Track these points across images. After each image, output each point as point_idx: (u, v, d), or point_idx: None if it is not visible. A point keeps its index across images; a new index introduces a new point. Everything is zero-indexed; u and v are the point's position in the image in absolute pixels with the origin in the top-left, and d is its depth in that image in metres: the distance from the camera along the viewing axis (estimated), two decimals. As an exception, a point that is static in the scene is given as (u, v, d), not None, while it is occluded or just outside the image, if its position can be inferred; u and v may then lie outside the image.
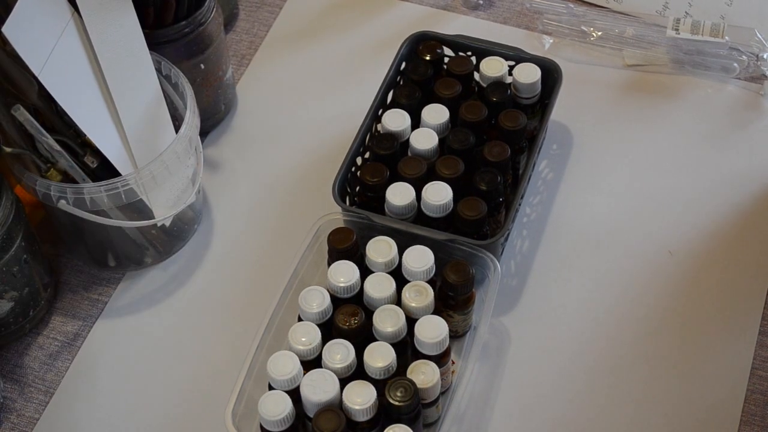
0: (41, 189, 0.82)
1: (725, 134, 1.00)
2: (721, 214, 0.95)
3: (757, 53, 1.04)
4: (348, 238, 0.84)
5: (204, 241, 0.94)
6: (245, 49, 1.09)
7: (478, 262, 0.84)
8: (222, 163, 1.00)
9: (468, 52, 0.98)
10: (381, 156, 0.90)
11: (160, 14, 0.92)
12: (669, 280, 0.90)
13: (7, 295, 0.85)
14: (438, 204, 0.85)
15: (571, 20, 1.09)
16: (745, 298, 0.89)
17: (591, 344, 0.87)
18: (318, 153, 1.00)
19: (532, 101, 0.95)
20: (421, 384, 0.77)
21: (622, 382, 0.85)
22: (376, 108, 0.93)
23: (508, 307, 0.89)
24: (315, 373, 0.76)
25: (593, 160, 0.99)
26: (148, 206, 0.86)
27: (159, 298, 0.91)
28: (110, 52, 0.84)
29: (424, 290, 0.81)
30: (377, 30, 1.10)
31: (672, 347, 0.86)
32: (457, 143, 0.90)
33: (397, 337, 0.79)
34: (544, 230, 0.94)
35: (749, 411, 0.83)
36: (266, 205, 0.97)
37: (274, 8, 1.13)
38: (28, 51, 0.78)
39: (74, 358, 0.88)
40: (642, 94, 1.04)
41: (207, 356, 0.87)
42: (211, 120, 1.01)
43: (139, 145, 0.86)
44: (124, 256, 0.92)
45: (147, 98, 0.87)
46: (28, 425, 0.84)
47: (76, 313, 0.91)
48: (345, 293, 0.82)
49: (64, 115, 0.83)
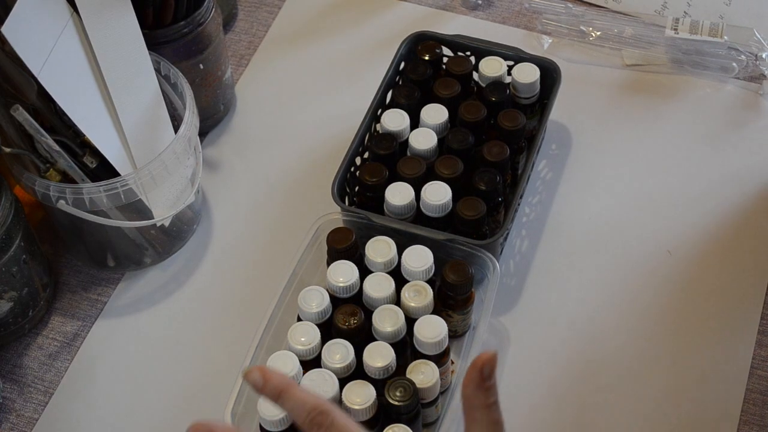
0: (40, 189, 0.82)
1: (724, 134, 1.01)
2: (720, 213, 0.95)
3: (755, 53, 1.04)
4: (347, 238, 0.84)
5: (203, 242, 0.94)
6: (244, 49, 1.09)
7: (478, 261, 0.84)
8: (221, 163, 1.00)
9: (467, 52, 0.98)
10: (380, 156, 0.90)
11: (159, 14, 0.92)
12: (668, 279, 0.91)
13: (7, 296, 0.85)
14: (437, 204, 0.85)
15: (570, 20, 1.09)
16: (744, 297, 0.89)
17: (590, 344, 0.87)
18: (317, 153, 1.00)
19: (531, 101, 0.95)
20: (420, 384, 0.77)
21: (620, 381, 0.85)
22: (375, 108, 0.93)
23: (508, 307, 0.89)
24: (314, 373, 0.76)
25: (592, 160, 0.99)
26: (148, 206, 0.86)
27: (158, 299, 0.91)
28: (109, 53, 0.84)
29: (424, 290, 0.81)
30: (376, 30, 1.10)
31: (671, 347, 0.87)
32: (456, 143, 0.90)
33: (397, 337, 0.79)
34: (543, 230, 0.94)
35: (748, 411, 0.83)
36: (265, 205, 0.97)
37: (273, 8, 1.13)
38: (27, 51, 0.78)
39: (73, 358, 0.88)
40: (641, 93, 1.04)
41: (206, 356, 0.87)
42: (210, 120, 1.01)
43: (138, 145, 0.86)
44: (124, 257, 0.92)
45: (146, 98, 0.87)
46: (27, 425, 0.84)
47: (76, 313, 0.91)
48: (344, 293, 0.82)
49: (63, 116, 0.83)
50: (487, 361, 0.57)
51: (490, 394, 0.58)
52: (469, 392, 0.57)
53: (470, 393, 0.57)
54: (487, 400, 0.58)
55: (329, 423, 0.57)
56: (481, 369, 0.57)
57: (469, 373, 0.57)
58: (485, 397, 0.58)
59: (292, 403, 0.58)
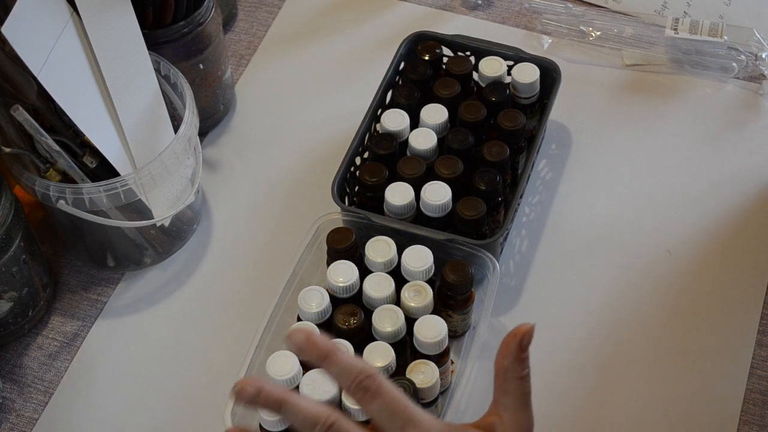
0: (40, 189, 0.82)
1: (724, 134, 1.00)
2: (719, 213, 0.95)
3: (755, 53, 1.04)
4: (347, 238, 0.84)
5: (203, 241, 0.94)
6: (244, 49, 1.09)
7: (477, 261, 0.84)
8: (221, 163, 1.00)
9: (467, 52, 0.98)
10: (380, 156, 0.90)
11: (159, 14, 0.92)
12: (668, 279, 0.91)
13: (6, 296, 0.85)
14: (437, 204, 0.85)
15: (570, 20, 1.09)
16: (744, 297, 0.89)
17: (589, 343, 0.87)
18: (317, 153, 1.00)
19: (531, 101, 0.95)
20: (420, 384, 0.77)
21: (620, 381, 0.85)
22: (375, 108, 0.93)
23: (508, 307, 0.89)
24: (314, 373, 0.76)
25: (592, 160, 0.99)
26: (147, 206, 0.86)
27: (158, 299, 0.91)
28: (109, 53, 0.84)
29: (424, 290, 0.81)
30: (376, 30, 1.10)
31: (670, 347, 0.87)
32: (456, 143, 0.90)
33: (397, 337, 0.79)
34: (543, 230, 0.94)
35: (748, 410, 0.83)
36: (265, 205, 0.97)
37: (273, 8, 1.13)
38: (27, 51, 0.78)
39: (73, 358, 0.88)
40: (641, 93, 1.04)
41: (206, 356, 0.87)
42: (210, 120, 1.01)
43: (138, 145, 0.86)
44: (124, 257, 0.92)
45: (146, 98, 0.87)
46: (27, 425, 0.84)
47: (75, 313, 0.91)
48: (344, 293, 0.82)
49: (63, 115, 0.83)
50: (526, 332, 0.59)
51: (525, 366, 0.59)
52: (507, 363, 0.59)
53: (509, 364, 0.59)
54: (522, 371, 0.59)
55: (376, 387, 0.57)
56: (521, 340, 0.58)
57: (506, 344, 0.59)
58: (521, 368, 0.59)
59: (339, 367, 0.58)
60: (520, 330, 0.59)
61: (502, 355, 0.59)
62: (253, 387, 0.57)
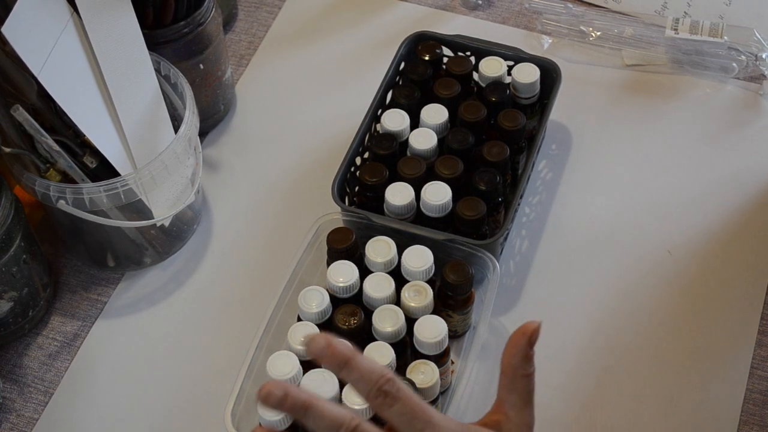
0: (40, 189, 0.82)
1: (724, 134, 1.01)
2: (720, 213, 0.95)
3: (755, 53, 1.04)
4: (347, 238, 0.84)
5: (203, 242, 0.94)
6: (244, 49, 1.09)
7: (478, 261, 0.84)
8: (221, 163, 1.00)
9: (467, 52, 0.98)
10: (380, 156, 0.90)
11: (159, 14, 0.92)
12: (668, 279, 0.91)
13: (7, 296, 0.85)
14: (437, 204, 0.85)
15: (570, 20, 1.09)
16: (744, 297, 0.89)
17: (590, 344, 0.87)
18: (317, 153, 1.00)
19: (531, 101, 0.95)
20: (420, 384, 0.77)
21: (620, 381, 0.85)
22: (375, 108, 0.93)
23: (508, 307, 0.89)
24: (314, 373, 0.76)
25: (592, 160, 0.99)
26: (148, 206, 0.86)
27: (158, 299, 0.91)
28: (109, 53, 0.84)
29: (424, 290, 0.81)
30: (376, 30, 1.10)
31: (671, 347, 0.87)
32: (456, 143, 0.90)
33: (397, 337, 0.79)
34: (543, 230, 0.94)
35: (748, 410, 0.83)
36: (265, 205, 0.97)
37: (273, 8, 1.13)
38: (27, 51, 0.78)
39: (73, 358, 0.88)
40: (641, 94, 1.04)
41: (206, 356, 0.87)
42: (210, 120, 1.01)
43: (138, 145, 0.86)
44: (124, 257, 0.92)
45: (146, 98, 0.87)
46: (27, 425, 0.84)
47: (76, 313, 0.91)
48: (344, 293, 0.82)
49: (63, 115, 0.83)
50: (534, 330, 0.59)
51: (531, 363, 0.60)
52: (515, 361, 0.59)
53: (517, 362, 0.59)
54: (529, 369, 0.60)
55: (396, 390, 0.57)
56: (530, 337, 0.59)
57: (515, 342, 0.59)
58: (528, 366, 0.60)
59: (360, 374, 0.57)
60: (529, 328, 0.59)
61: (510, 353, 0.59)
62: (280, 390, 0.56)
